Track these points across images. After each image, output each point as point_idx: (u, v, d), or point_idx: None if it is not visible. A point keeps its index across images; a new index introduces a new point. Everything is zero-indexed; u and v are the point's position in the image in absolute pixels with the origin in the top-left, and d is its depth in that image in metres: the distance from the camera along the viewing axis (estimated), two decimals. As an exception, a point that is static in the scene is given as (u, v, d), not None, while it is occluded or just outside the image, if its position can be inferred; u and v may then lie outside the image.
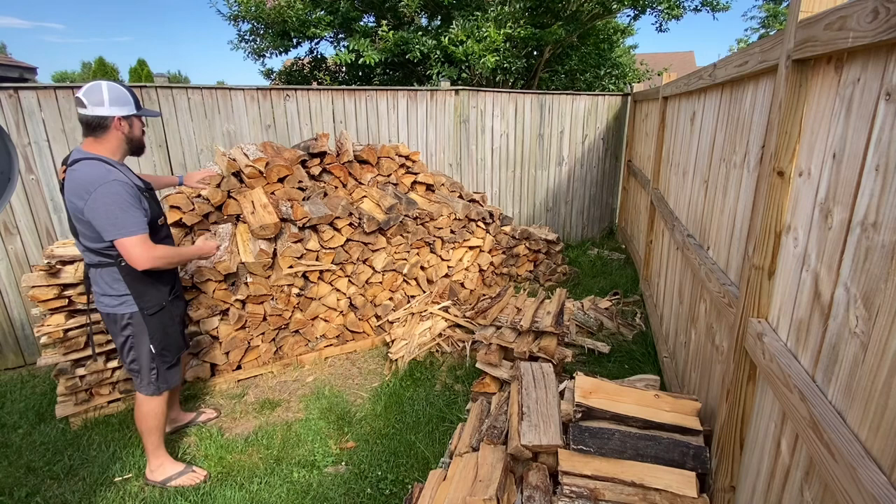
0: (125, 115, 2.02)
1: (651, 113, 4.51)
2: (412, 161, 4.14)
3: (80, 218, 1.95)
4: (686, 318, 2.63)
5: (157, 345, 2.22)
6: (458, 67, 6.60)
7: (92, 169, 1.93)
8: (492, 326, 3.04)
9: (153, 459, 2.35)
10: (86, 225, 1.96)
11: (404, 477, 2.37)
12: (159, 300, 2.21)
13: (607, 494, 1.71)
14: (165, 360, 2.27)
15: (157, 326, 2.21)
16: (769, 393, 1.47)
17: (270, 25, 6.68)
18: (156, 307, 2.19)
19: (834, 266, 1.14)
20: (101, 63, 21.60)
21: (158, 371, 2.25)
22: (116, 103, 1.99)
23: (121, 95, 2.00)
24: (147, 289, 2.15)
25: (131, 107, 2.03)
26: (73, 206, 1.94)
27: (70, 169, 1.95)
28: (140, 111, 2.08)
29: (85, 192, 1.89)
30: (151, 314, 2.17)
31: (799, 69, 1.33)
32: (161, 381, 2.27)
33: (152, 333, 2.19)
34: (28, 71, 12.97)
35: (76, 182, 1.91)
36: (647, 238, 4.19)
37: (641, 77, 8.85)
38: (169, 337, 2.28)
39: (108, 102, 1.97)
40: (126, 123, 2.04)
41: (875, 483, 0.90)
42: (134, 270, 2.05)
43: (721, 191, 2.15)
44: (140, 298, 2.13)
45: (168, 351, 2.28)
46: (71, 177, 1.93)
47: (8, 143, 2.11)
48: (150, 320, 2.17)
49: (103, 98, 1.96)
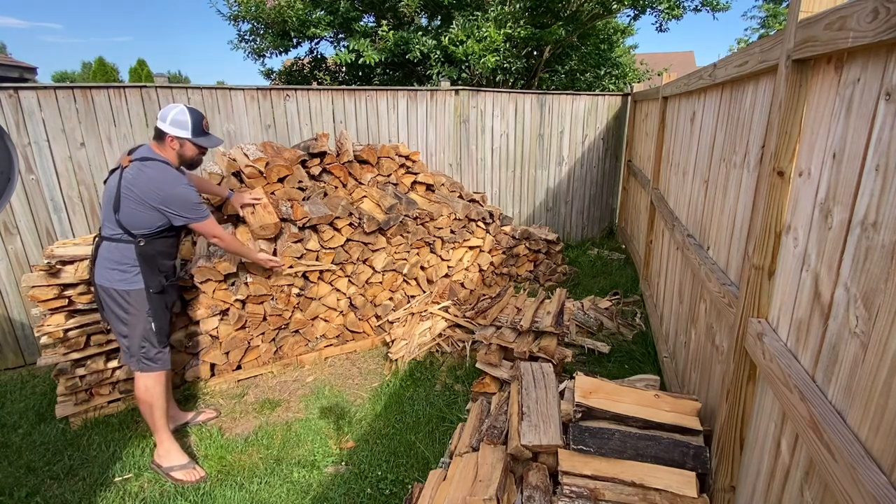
0: (178, 136, 2.27)
1: (651, 113, 4.51)
2: (412, 161, 4.14)
3: (141, 202, 2.19)
4: (686, 318, 2.63)
5: (157, 322, 2.37)
6: (458, 67, 6.60)
7: (166, 172, 2.24)
8: (492, 326, 3.04)
9: (160, 443, 2.43)
10: (143, 208, 2.20)
11: (404, 477, 2.37)
12: (160, 282, 2.38)
13: (607, 494, 1.70)
14: (161, 339, 2.40)
15: (158, 306, 2.38)
16: (769, 393, 1.46)
17: (270, 25, 6.68)
18: (159, 288, 2.37)
19: (834, 266, 1.14)
20: (101, 63, 21.60)
21: (147, 350, 2.35)
22: (175, 125, 2.26)
23: (182, 120, 2.26)
24: (153, 270, 2.34)
25: (187, 132, 2.28)
26: (140, 195, 2.18)
27: (142, 163, 2.20)
28: (194, 138, 2.31)
29: (160, 190, 2.19)
30: (155, 293, 2.35)
31: (799, 69, 1.33)
32: (148, 360, 2.36)
33: (154, 311, 2.35)
34: (28, 71, 12.96)
35: (151, 177, 2.19)
36: (647, 238, 4.19)
37: (641, 77, 8.85)
38: (163, 318, 2.43)
39: (168, 121, 2.25)
40: (178, 143, 2.29)
41: (875, 483, 0.90)
42: (146, 252, 2.28)
43: (721, 191, 2.15)
44: (147, 277, 2.31)
45: (163, 331, 2.42)
46: (142, 171, 2.19)
47: (8, 143, 2.11)
48: (153, 298, 2.34)
49: (167, 115, 2.25)
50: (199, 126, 2.33)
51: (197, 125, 2.32)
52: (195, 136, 2.31)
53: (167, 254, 2.42)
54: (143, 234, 2.27)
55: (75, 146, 3.48)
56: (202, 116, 2.35)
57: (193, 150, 2.36)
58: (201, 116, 2.34)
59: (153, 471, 2.42)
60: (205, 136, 2.37)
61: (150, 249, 2.31)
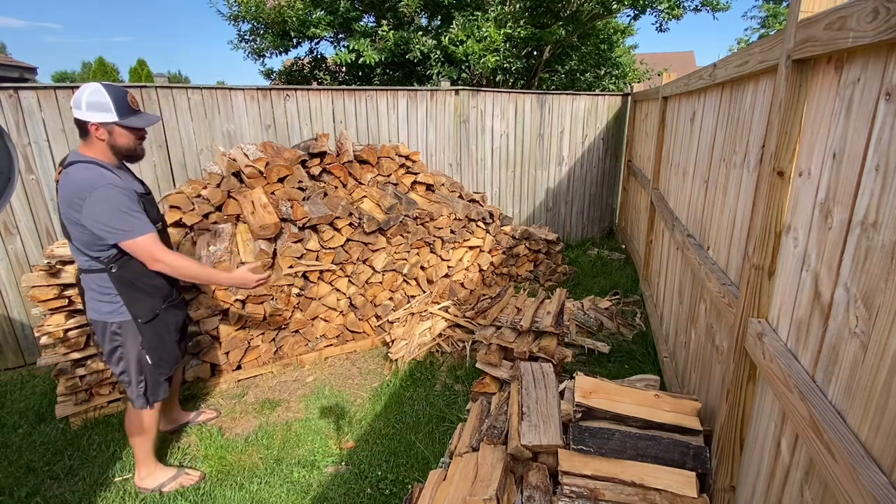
0: (102, 121, 1.87)
1: (651, 113, 4.51)
2: (412, 161, 4.14)
3: (73, 221, 1.87)
4: (686, 318, 2.63)
5: (154, 355, 2.12)
6: (458, 67, 6.59)
7: (85, 173, 1.85)
8: (492, 326, 3.04)
9: (142, 468, 2.29)
10: (79, 228, 1.88)
11: (404, 477, 2.37)
12: (152, 308, 2.10)
13: (607, 494, 1.70)
14: (162, 372, 2.17)
15: (152, 335, 2.10)
16: (769, 393, 1.46)
17: (270, 25, 6.68)
18: (149, 315, 2.09)
19: (834, 266, 1.14)
20: (101, 63, 21.62)
21: (147, 383, 2.15)
22: (93, 108, 1.84)
23: (99, 101, 1.84)
24: (139, 296, 2.05)
25: (111, 114, 1.86)
26: (66, 210, 1.86)
27: (65, 171, 1.88)
28: (122, 120, 1.88)
29: (79, 198, 1.81)
30: (146, 322, 2.07)
31: (799, 69, 1.33)
32: (150, 394, 2.17)
33: (148, 343, 2.09)
34: (28, 71, 12.97)
35: (69, 186, 1.83)
36: (647, 238, 4.19)
37: (641, 77, 8.84)
38: (165, 346, 2.17)
39: (84, 106, 1.84)
40: (104, 130, 1.89)
41: (875, 483, 0.90)
42: (124, 277, 1.98)
43: (721, 191, 2.15)
44: (132, 306, 2.03)
45: (164, 362, 2.18)
46: (65, 180, 1.86)
47: (8, 143, 2.11)
48: (144, 329, 2.07)
49: (81, 101, 1.84)
50: (125, 104, 1.89)
51: (121, 103, 1.88)
52: (122, 116, 1.88)
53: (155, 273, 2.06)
54: (110, 257, 1.93)
55: (75, 146, 3.47)
56: (125, 92, 1.91)
57: (127, 137, 1.93)
58: (124, 93, 1.91)
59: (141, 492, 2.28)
60: (135, 115, 1.93)
61: (128, 274, 1.99)
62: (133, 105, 1.92)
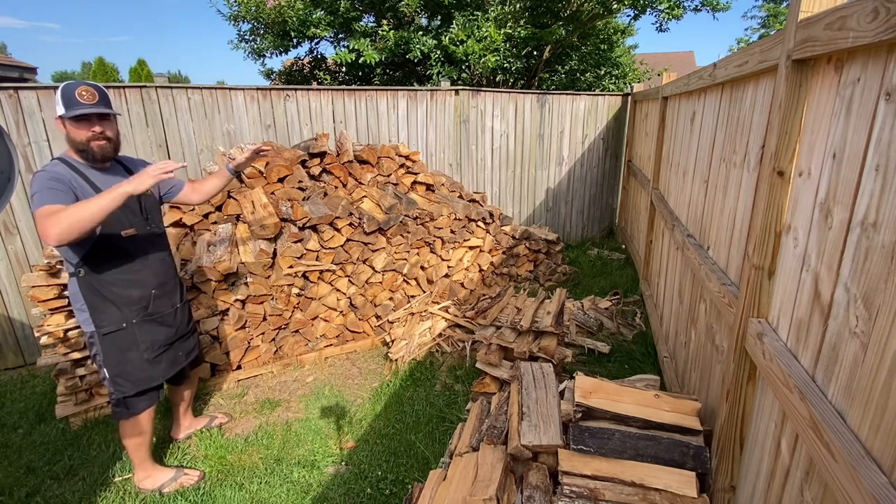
0: (58, 115, 1.87)
1: (651, 113, 4.51)
2: (412, 161, 4.14)
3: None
4: (686, 318, 2.63)
5: (111, 370, 2.01)
6: (458, 67, 6.60)
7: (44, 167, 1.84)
8: (492, 326, 3.04)
9: (140, 471, 2.30)
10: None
11: (404, 477, 2.37)
12: (117, 320, 1.97)
13: (607, 494, 1.70)
14: (119, 390, 2.04)
15: (111, 349, 1.98)
16: (769, 393, 1.46)
17: (270, 25, 6.68)
18: (112, 327, 1.97)
19: (834, 266, 1.14)
20: (101, 63, 21.59)
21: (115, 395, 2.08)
22: (56, 104, 1.85)
23: (58, 97, 1.84)
24: (104, 305, 1.94)
25: (60, 108, 1.84)
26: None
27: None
28: (67, 112, 1.82)
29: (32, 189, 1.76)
30: (105, 334, 1.96)
31: (799, 69, 1.33)
32: (121, 407, 2.09)
33: (105, 357, 1.98)
34: (28, 71, 12.96)
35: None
36: (647, 238, 4.19)
37: (641, 77, 8.84)
38: (128, 364, 2.02)
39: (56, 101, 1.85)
40: (62, 125, 1.88)
41: (875, 483, 0.90)
42: (90, 283, 1.91)
43: (721, 191, 2.15)
44: (95, 314, 1.93)
45: (123, 380, 2.03)
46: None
47: (8, 143, 2.11)
48: (103, 340, 1.95)
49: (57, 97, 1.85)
50: (71, 98, 1.82)
51: (68, 97, 1.82)
52: (67, 109, 1.83)
53: (129, 281, 1.96)
54: (78, 260, 1.88)
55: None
56: (75, 87, 1.84)
57: (77, 130, 1.87)
58: (73, 87, 1.84)
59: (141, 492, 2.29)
60: (74, 107, 1.84)
61: (94, 280, 1.91)
62: (81, 98, 1.83)
